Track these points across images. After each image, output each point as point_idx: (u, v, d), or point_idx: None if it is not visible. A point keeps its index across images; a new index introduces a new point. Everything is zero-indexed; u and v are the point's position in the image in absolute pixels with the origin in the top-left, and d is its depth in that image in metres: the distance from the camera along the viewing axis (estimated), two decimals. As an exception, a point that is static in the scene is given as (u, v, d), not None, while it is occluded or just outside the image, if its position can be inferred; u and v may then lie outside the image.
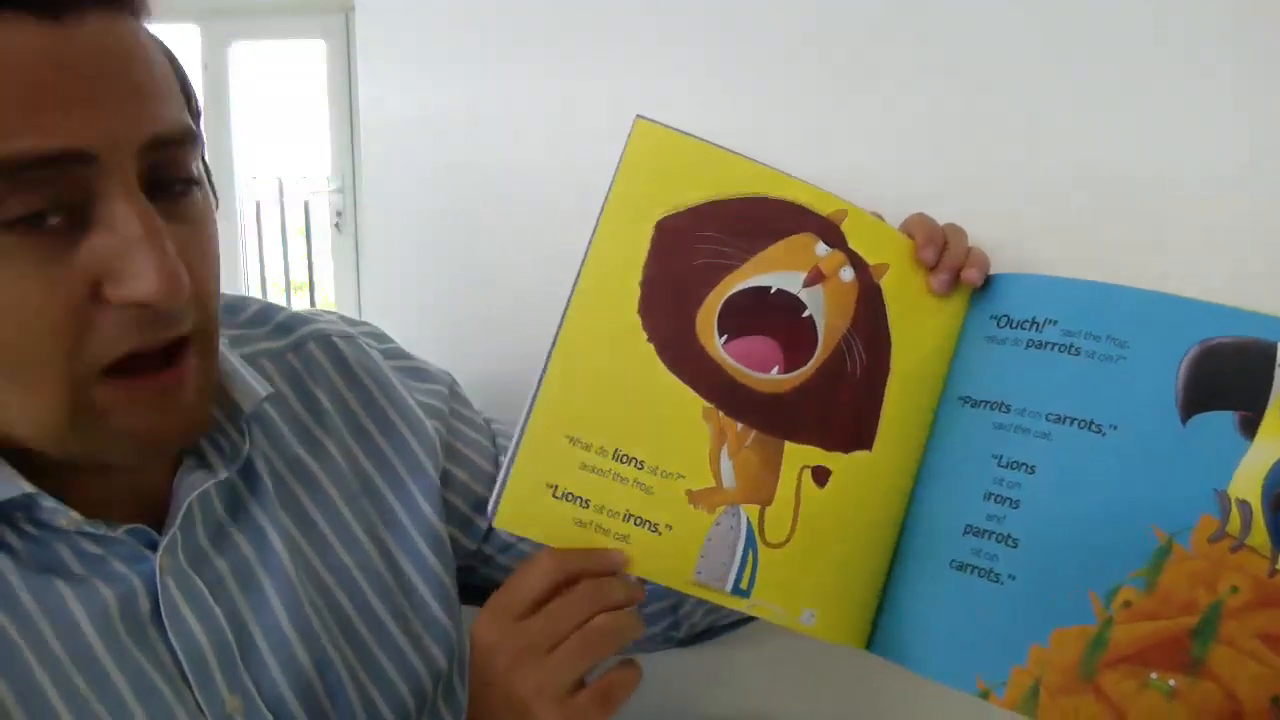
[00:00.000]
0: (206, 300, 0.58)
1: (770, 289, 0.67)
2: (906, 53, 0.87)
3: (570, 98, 0.95)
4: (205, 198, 0.59)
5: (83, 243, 0.52)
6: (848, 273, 0.68)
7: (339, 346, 0.75)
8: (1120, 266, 0.68)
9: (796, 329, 0.67)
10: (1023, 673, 0.63)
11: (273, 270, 1.71)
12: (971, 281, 0.69)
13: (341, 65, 1.21)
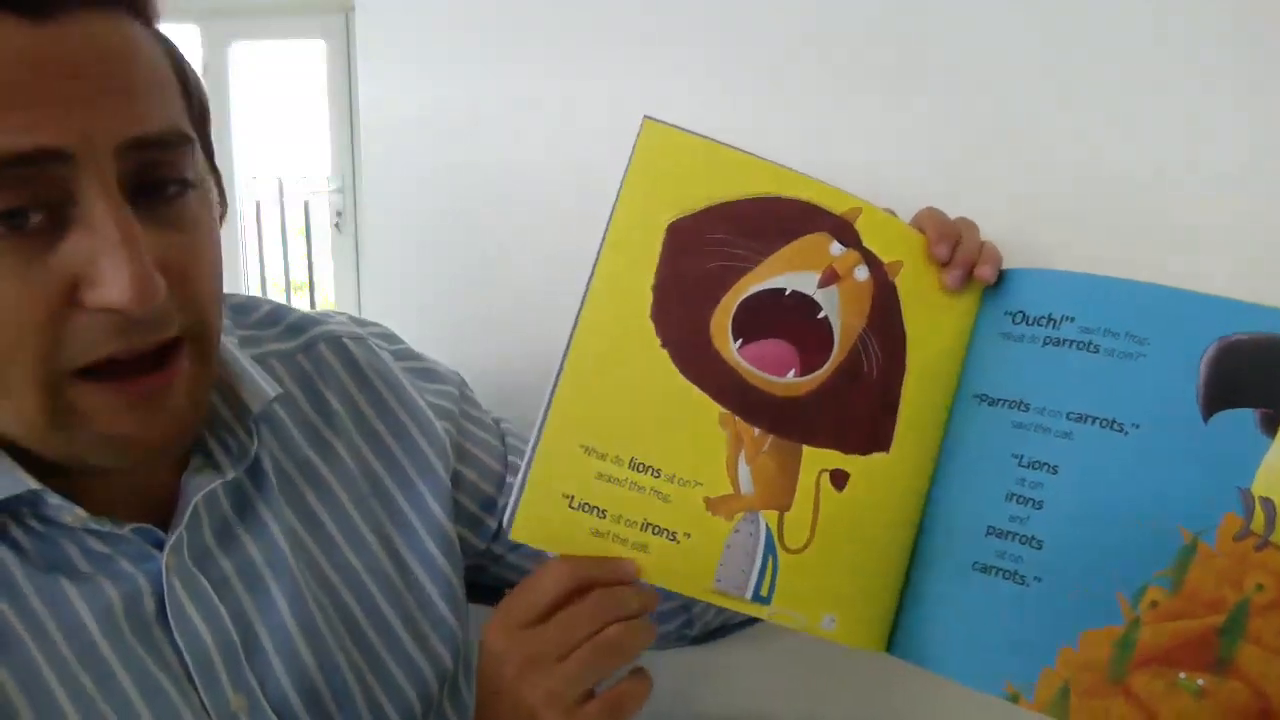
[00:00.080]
0: (199, 304, 0.57)
1: (785, 290, 0.64)
2: (907, 52, 0.86)
3: (570, 98, 0.94)
4: (203, 201, 0.57)
5: (61, 244, 0.51)
6: (862, 272, 0.65)
7: (349, 348, 0.74)
8: (1121, 265, 0.66)
9: (812, 331, 0.65)
10: (1052, 675, 0.62)
11: (273, 270, 1.69)
12: (985, 279, 0.67)
13: (341, 65, 1.19)
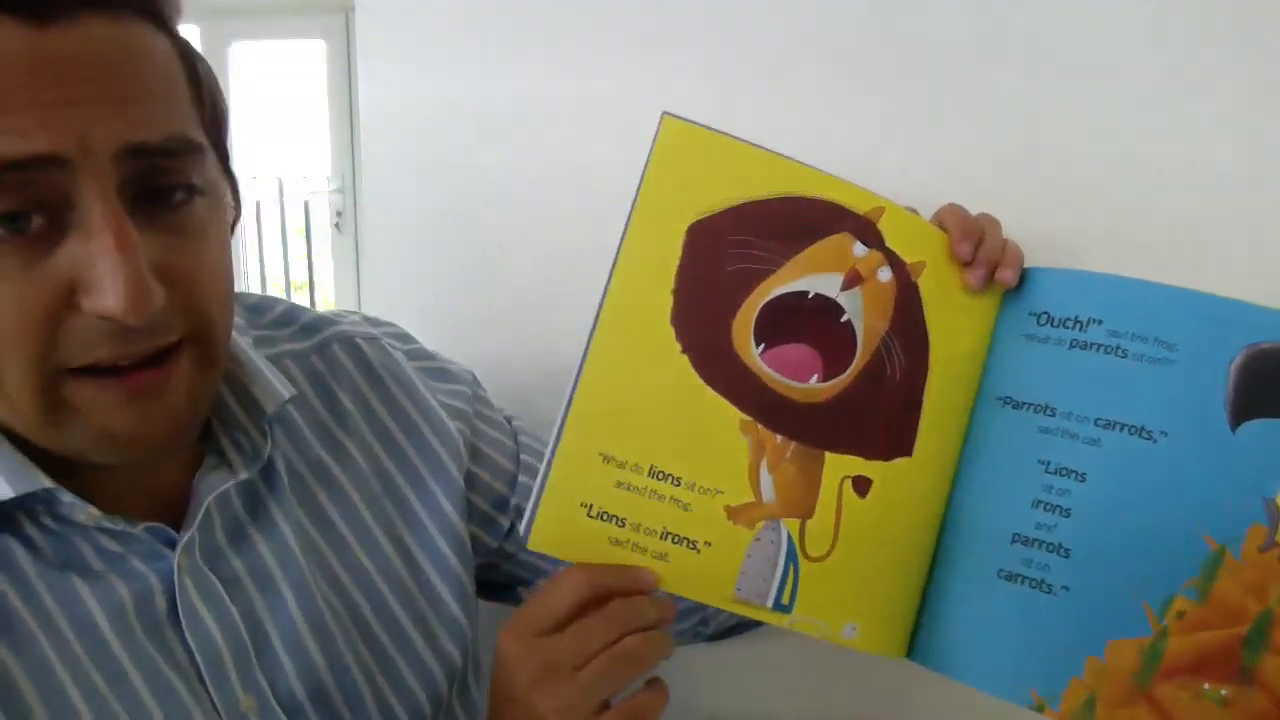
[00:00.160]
0: (203, 311, 0.55)
1: (808, 293, 0.61)
2: (906, 53, 0.84)
3: (571, 97, 0.91)
4: (212, 207, 0.56)
5: (60, 248, 0.50)
6: (885, 273, 0.63)
7: (362, 348, 0.73)
8: (1121, 265, 0.64)
9: (835, 334, 0.62)
10: (1079, 684, 0.59)
11: (273, 270, 1.66)
12: (1006, 283, 0.65)
13: (341, 65, 1.16)
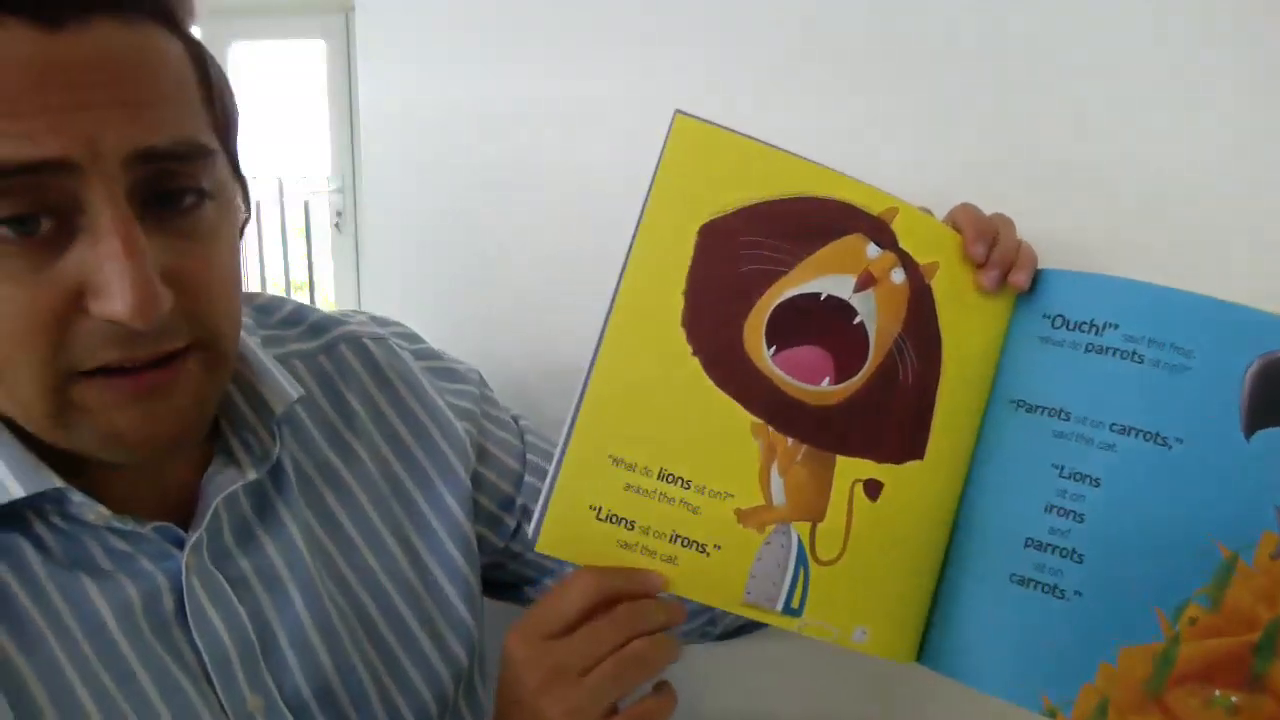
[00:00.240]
0: (211, 316, 0.54)
1: (820, 295, 0.60)
2: (906, 54, 0.82)
3: (571, 97, 0.90)
4: (222, 211, 0.55)
5: (69, 251, 0.49)
6: (899, 274, 0.61)
7: (370, 348, 0.72)
8: (1121, 264, 0.63)
9: (847, 336, 0.60)
10: (1091, 690, 0.58)
11: (273, 270, 1.64)
12: (1019, 286, 0.63)
13: (341, 65, 1.14)
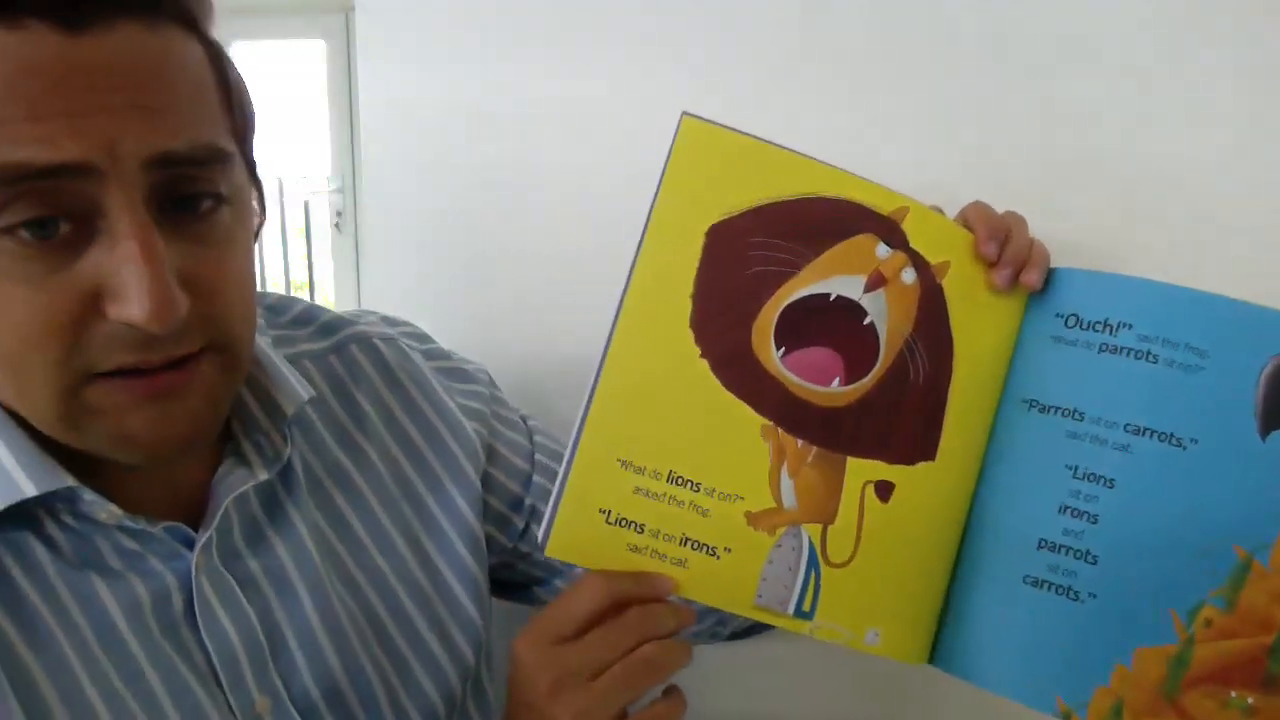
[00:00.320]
0: (226, 320, 0.53)
1: (830, 296, 0.58)
2: (906, 54, 0.82)
3: (571, 97, 0.89)
4: (238, 215, 0.54)
5: (87, 254, 0.49)
6: (909, 274, 0.60)
7: (380, 349, 0.71)
8: (1122, 264, 0.62)
9: (858, 337, 0.59)
10: (1105, 693, 0.57)
11: (273, 270, 1.63)
12: (1031, 286, 0.62)
13: (341, 65, 1.12)
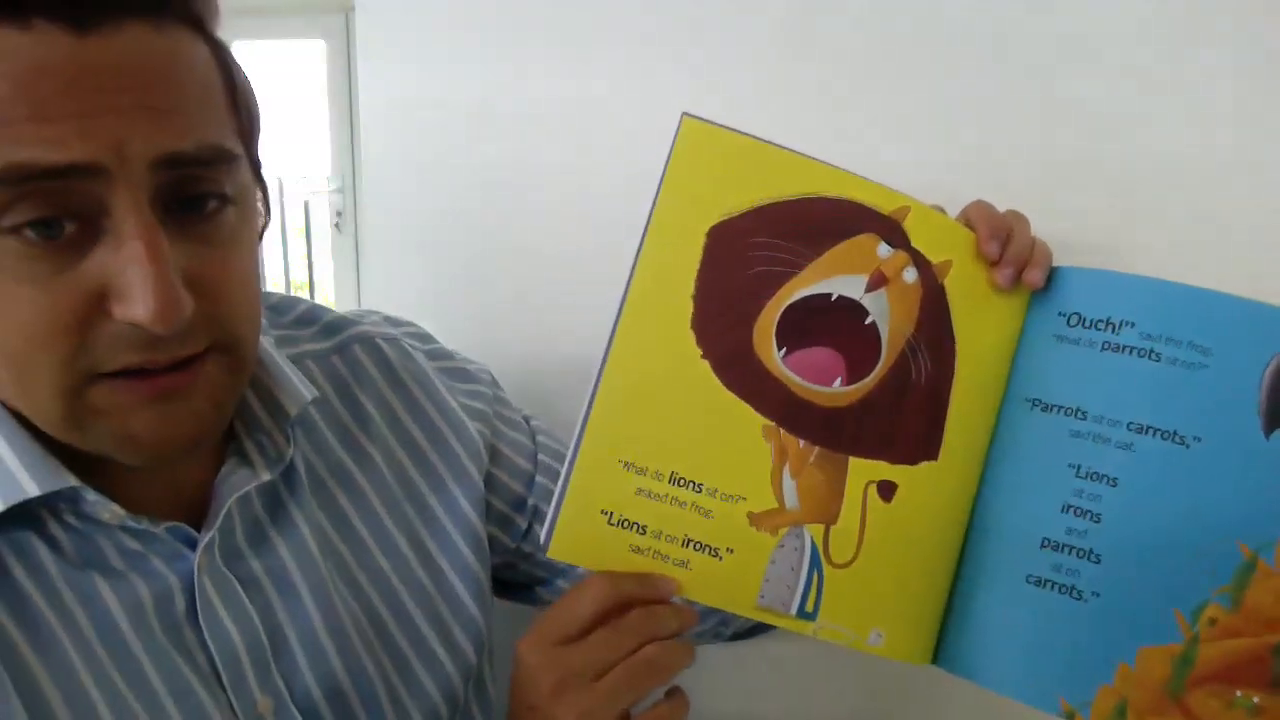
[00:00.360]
0: (230, 321, 0.53)
1: (831, 295, 0.58)
2: (906, 52, 0.81)
3: (571, 97, 0.88)
4: (243, 216, 0.54)
5: (92, 254, 0.48)
6: (911, 274, 0.59)
7: (383, 349, 0.71)
8: (1122, 263, 0.62)
9: (859, 337, 0.58)
10: (1109, 692, 0.57)
11: (273, 270, 1.62)
12: (1033, 284, 0.61)
13: (341, 65, 1.11)
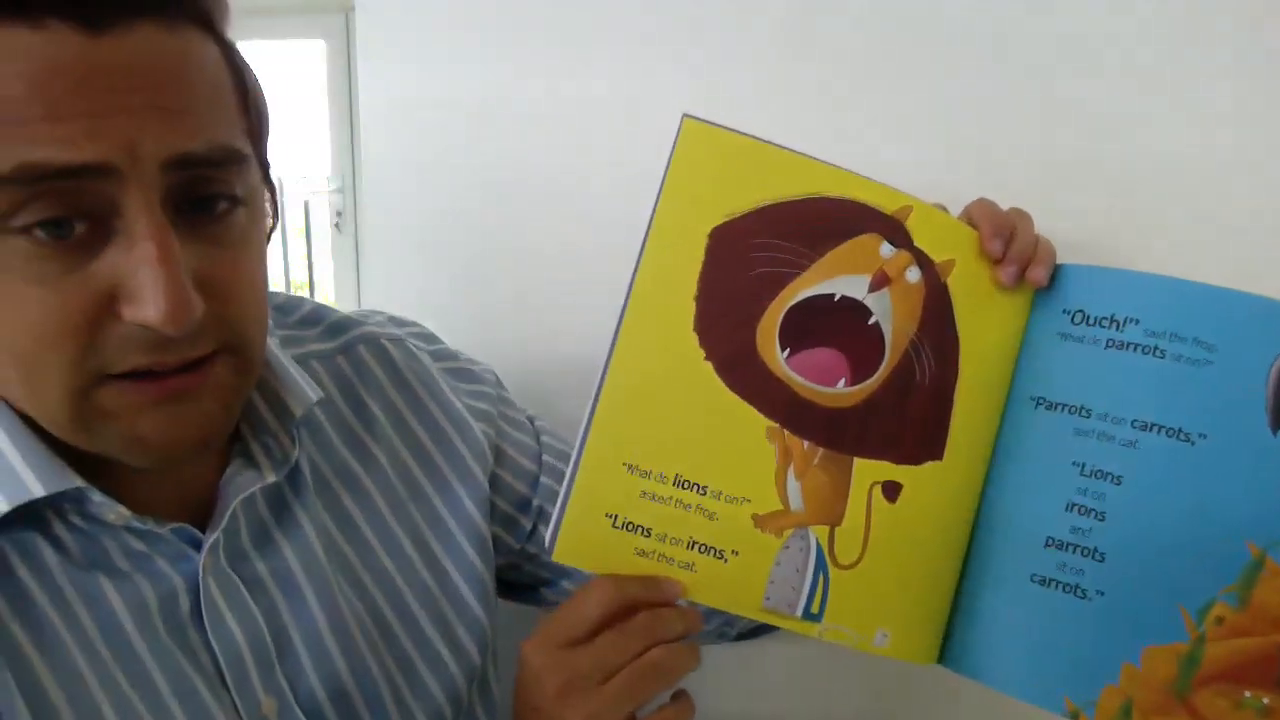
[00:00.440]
0: (240, 322, 0.53)
1: (834, 296, 0.57)
2: (906, 52, 0.80)
3: (571, 97, 0.88)
4: (253, 217, 0.53)
5: (103, 254, 0.48)
6: (914, 273, 0.58)
7: (388, 350, 0.71)
8: (1123, 262, 0.61)
9: (863, 337, 0.58)
10: (1114, 692, 0.56)
11: (273, 270, 1.60)
12: (1037, 282, 0.61)
13: (341, 65, 1.10)
